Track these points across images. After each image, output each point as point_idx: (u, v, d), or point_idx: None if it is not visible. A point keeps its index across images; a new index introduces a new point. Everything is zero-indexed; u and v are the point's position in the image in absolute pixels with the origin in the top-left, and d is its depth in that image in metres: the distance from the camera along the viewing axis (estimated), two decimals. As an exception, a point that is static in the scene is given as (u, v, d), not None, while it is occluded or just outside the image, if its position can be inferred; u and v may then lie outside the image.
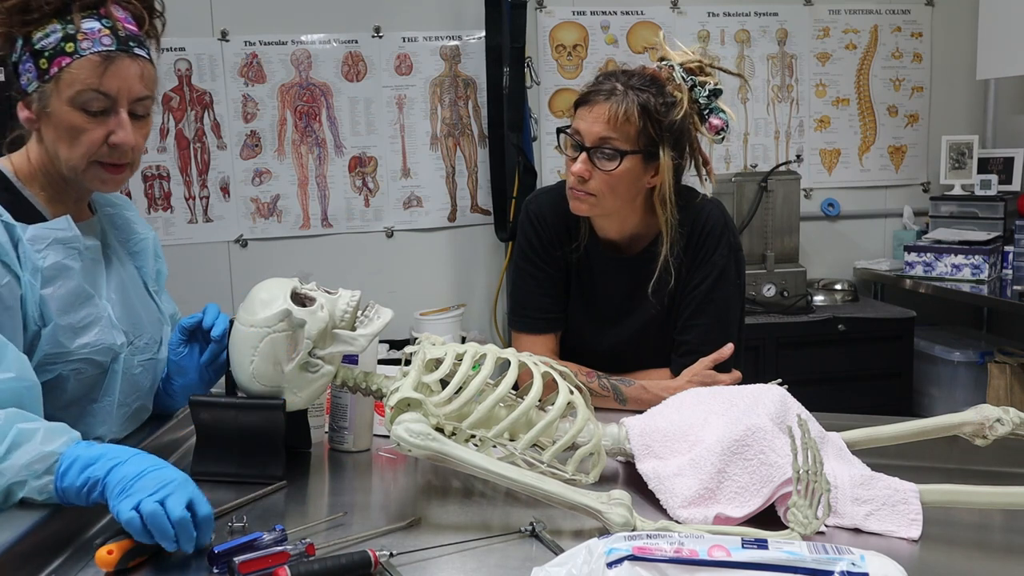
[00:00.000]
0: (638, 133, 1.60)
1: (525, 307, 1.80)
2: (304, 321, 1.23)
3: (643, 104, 1.59)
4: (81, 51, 1.22)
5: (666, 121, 1.61)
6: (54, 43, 1.22)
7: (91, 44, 1.22)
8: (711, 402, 1.30)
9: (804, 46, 3.62)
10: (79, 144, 1.24)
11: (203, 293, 3.20)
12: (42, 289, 1.22)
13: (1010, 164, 3.46)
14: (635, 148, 1.60)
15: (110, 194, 1.44)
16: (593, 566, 0.86)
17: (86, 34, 1.22)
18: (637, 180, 1.64)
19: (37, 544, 1.02)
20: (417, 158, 3.40)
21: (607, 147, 1.60)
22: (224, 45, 3.22)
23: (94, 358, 1.27)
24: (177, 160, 3.23)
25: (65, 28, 1.23)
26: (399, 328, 3.10)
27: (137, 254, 1.47)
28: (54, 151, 1.27)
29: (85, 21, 1.23)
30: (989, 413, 1.25)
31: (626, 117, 1.59)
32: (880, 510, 1.12)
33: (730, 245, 1.71)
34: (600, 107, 1.61)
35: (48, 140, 1.27)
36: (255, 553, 0.98)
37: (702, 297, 1.70)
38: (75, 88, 1.22)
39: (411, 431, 1.13)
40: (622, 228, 1.73)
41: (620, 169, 1.61)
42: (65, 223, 1.28)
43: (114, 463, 1.05)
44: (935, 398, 3.32)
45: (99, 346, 1.27)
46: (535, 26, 3.39)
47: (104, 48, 1.23)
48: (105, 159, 1.27)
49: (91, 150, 1.25)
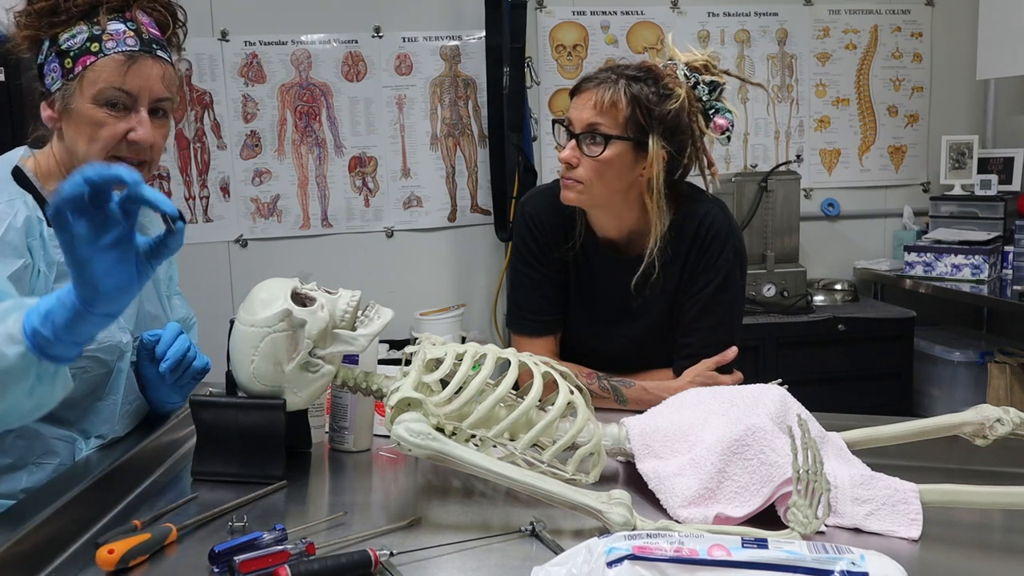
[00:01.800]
0: (626, 120, 1.59)
1: (523, 309, 1.79)
2: (304, 321, 1.23)
3: (633, 92, 1.59)
4: (106, 50, 1.25)
5: (657, 110, 1.60)
6: (80, 43, 1.26)
7: (116, 44, 1.26)
8: (711, 402, 1.30)
9: (804, 46, 3.62)
10: (98, 139, 1.27)
11: (203, 293, 3.20)
12: (55, 283, 1.24)
13: (1010, 164, 3.46)
14: (622, 134, 1.60)
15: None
16: (593, 566, 0.86)
17: (111, 35, 1.26)
18: (627, 169, 1.63)
19: (37, 544, 1.02)
20: (417, 158, 3.40)
21: (594, 132, 1.60)
22: (224, 45, 3.22)
23: (100, 356, 1.28)
24: (177, 160, 3.23)
25: (91, 29, 1.26)
26: (399, 328, 3.10)
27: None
28: (73, 147, 1.29)
29: (111, 23, 1.27)
30: (989, 413, 1.25)
31: (613, 102, 1.59)
32: (880, 510, 1.12)
33: (735, 249, 1.70)
34: (589, 93, 1.61)
35: (68, 137, 1.29)
36: (255, 552, 0.98)
37: (706, 300, 1.69)
38: (98, 86, 1.25)
39: (411, 431, 1.13)
40: (619, 225, 1.72)
41: (606, 155, 1.60)
42: None
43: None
44: (935, 398, 3.32)
45: (105, 344, 1.29)
46: (535, 26, 3.40)
47: (128, 48, 1.26)
48: (124, 154, 1.29)
49: (109, 144, 1.27)
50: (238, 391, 1.28)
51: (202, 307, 3.24)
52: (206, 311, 3.20)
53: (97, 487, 1.17)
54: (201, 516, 1.12)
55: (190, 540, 1.08)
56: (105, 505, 1.18)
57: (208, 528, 1.11)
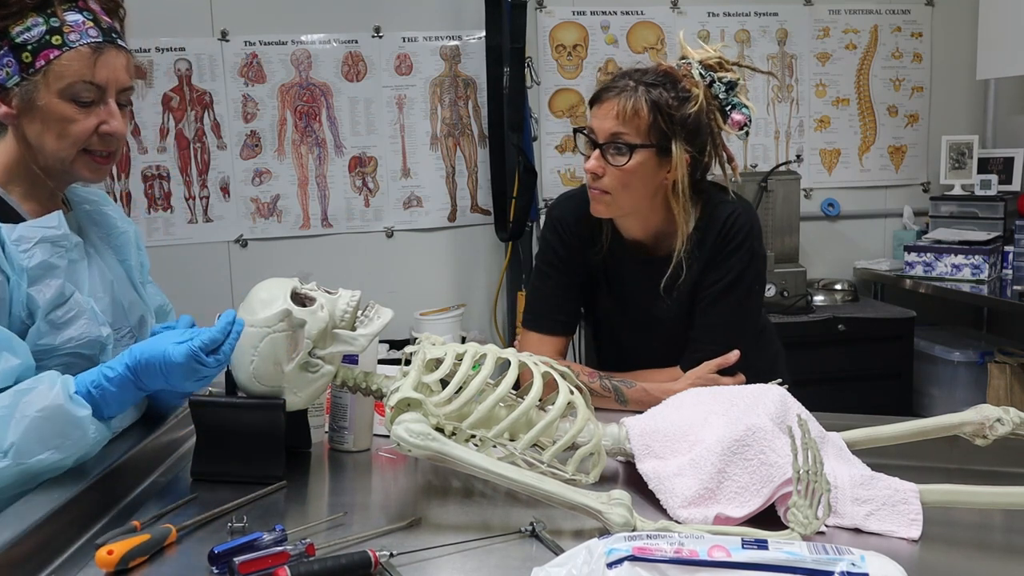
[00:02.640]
0: (649, 127, 1.60)
1: (541, 308, 1.81)
2: (304, 321, 1.23)
3: (653, 98, 1.60)
4: (70, 43, 1.23)
5: (678, 115, 1.61)
6: (38, 36, 1.23)
7: (79, 36, 1.24)
8: (711, 402, 1.30)
9: (804, 46, 3.62)
10: (69, 135, 1.26)
11: (203, 293, 3.21)
12: (29, 288, 1.22)
13: (1010, 164, 3.46)
14: (646, 142, 1.61)
15: (87, 190, 1.45)
16: (593, 566, 0.86)
17: (72, 26, 1.24)
18: (651, 176, 1.64)
19: (37, 544, 1.02)
20: (417, 158, 3.40)
21: (618, 142, 1.61)
22: (224, 45, 3.22)
23: (81, 351, 1.28)
24: (177, 160, 3.23)
25: (48, 21, 1.23)
26: (399, 328, 3.10)
27: (120, 247, 1.47)
28: (39, 144, 1.27)
29: (68, 14, 1.24)
30: (989, 413, 1.25)
31: (635, 111, 1.60)
32: (880, 510, 1.12)
33: (752, 251, 1.70)
34: (610, 103, 1.62)
35: (32, 133, 1.27)
36: (255, 553, 0.98)
37: (714, 296, 1.70)
38: (67, 80, 1.23)
39: (411, 431, 1.13)
40: (645, 227, 1.73)
41: (631, 164, 1.61)
42: (56, 220, 1.28)
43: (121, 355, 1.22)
44: (935, 398, 3.32)
45: (84, 339, 1.27)
46: (535, 26, 3.39)
47: (92, 40, 1.25)
48: (95, 148, 1.28)
49: (81, 140, 1.26)
50: (238, 391, 1.28)
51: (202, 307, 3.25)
52: (206, 311, 3.21)
53: (97, 487, 1.17)
54: (201, 516, 1.12)
55: (190, 541, 1.08)
56: (105, 505, 1.18)
57: (208, 528, 1.11)
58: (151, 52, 3.16)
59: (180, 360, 1.17)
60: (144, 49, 3.15)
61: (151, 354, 1.18)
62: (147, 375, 1.19)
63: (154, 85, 3.18)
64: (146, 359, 1.18)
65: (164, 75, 3.19)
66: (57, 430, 1.13)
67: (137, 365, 1.18)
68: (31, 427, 1.11)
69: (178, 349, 1.17)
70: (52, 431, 1.12)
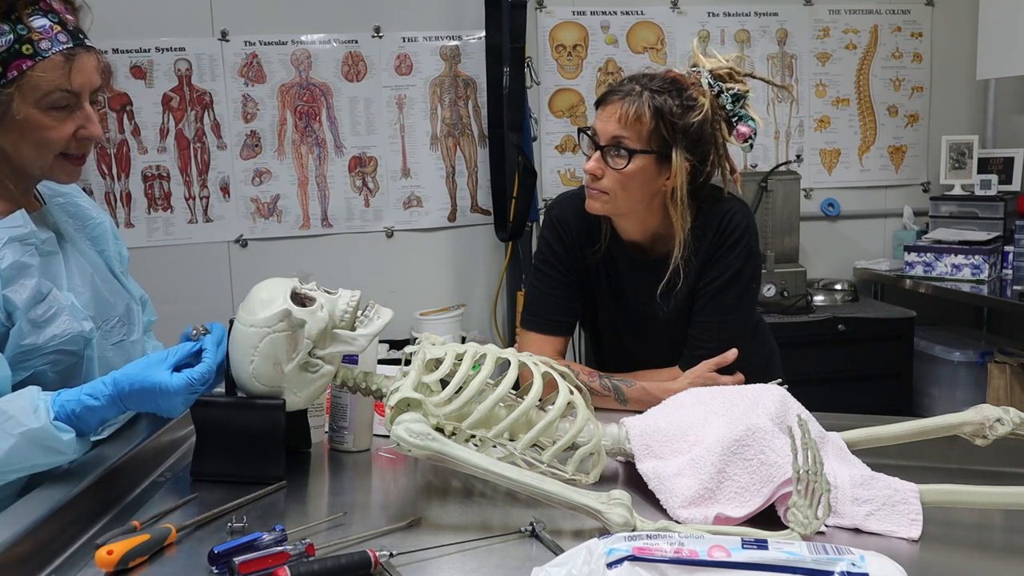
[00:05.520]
0: (650, 133, 1.61)
1: (539, 307, 1.81)
2: (304, 321, 1.23)
3: (657, 105, 1.61)
4: (42, 52, 1.22)
5: (681, 123, 1.61)
6: (6, 45, 1.21)
7: (50, 44, 1.22)
8: (711, 402, 1.30)
9: (804, 46, 3.62)
10: (47, 143, 1.26)
11: (203, 293, 3.21)
12: (3, 290, 1.22)
13: (1010, 164, 3.46)
14: (646, 148, 1.61)
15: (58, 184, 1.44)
16: (593, 566, 0.86)
17: (40, 33, 1.22)
18: (650, 181, 1.65)
19: (37, 544, 1.02)
20: (417, 158, 3.40)
21: (618, 145, 1.62)
22: (224, 45, 3.22)
23: (66, 348, 1.27)
24: (177, 160, 3.23)
25: (15, 29, 1.21)
26: (399, 328, 3.10)
27: (97, 239, 1.47)
28: (16, 152, 1.27)
29: (33, 19, 1.22)
30: (989, 413, 1.25)
31: (637, 116, 1.60)
32: (880, 510, 1.12)
33: (748, 249, 1.71)
34: (614, 106, 1.63)
35: (8, 143, 1.26)
36: (255, 553, 0.98)
37: (713, 294, 1.71)
38: (43, 89, 1.23)
39: (411, 431, 1.13)
40: (643, 228, 1.73)
41: (630, 168, 1.62)
42: (20, 219, 1.27)
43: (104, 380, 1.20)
44: (935, 398, 3.32)
45: (67, 336, 1.27)
46: (535, 26, 3.40)
47: (63, 46, 1.23)
48: (72, 151, 1.28)
49: (59, 146, 1.26)
50: (238, 391, 1.28)
51: (202, 307, 3.23)
52: (206, 311, 3.21)
53: (96, 487, 1.17)
54: (201, 516, 1.12)
55: (190, 541, 1.08)
56: (105, 505, 1.18)
57: (208, 529, 1.11)
58: (151, 52, 3.16)
59: (179, 388, 1.17)
60: (144, 49, 3.15)
61: (143, 383, 1.17)
62: (136, 402, 1.19)
63: (154, 85, 3.18)
64: (137, 388, 1.18)
65: (164, 75, 3.19)
66: (40, 452, 1.14)
67: (122, 394, 1.18)
68: (15, 447, 1.12)
69: (177, 379, 1.17)
70: (35, 452, 1.14)
